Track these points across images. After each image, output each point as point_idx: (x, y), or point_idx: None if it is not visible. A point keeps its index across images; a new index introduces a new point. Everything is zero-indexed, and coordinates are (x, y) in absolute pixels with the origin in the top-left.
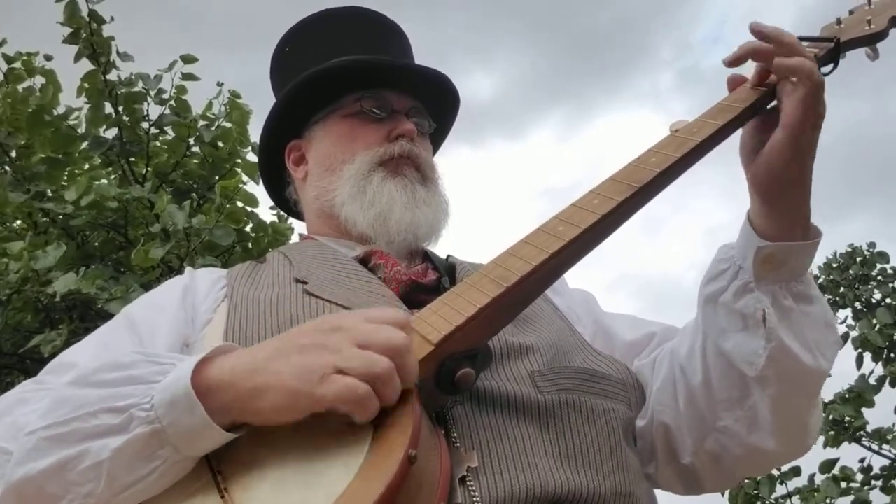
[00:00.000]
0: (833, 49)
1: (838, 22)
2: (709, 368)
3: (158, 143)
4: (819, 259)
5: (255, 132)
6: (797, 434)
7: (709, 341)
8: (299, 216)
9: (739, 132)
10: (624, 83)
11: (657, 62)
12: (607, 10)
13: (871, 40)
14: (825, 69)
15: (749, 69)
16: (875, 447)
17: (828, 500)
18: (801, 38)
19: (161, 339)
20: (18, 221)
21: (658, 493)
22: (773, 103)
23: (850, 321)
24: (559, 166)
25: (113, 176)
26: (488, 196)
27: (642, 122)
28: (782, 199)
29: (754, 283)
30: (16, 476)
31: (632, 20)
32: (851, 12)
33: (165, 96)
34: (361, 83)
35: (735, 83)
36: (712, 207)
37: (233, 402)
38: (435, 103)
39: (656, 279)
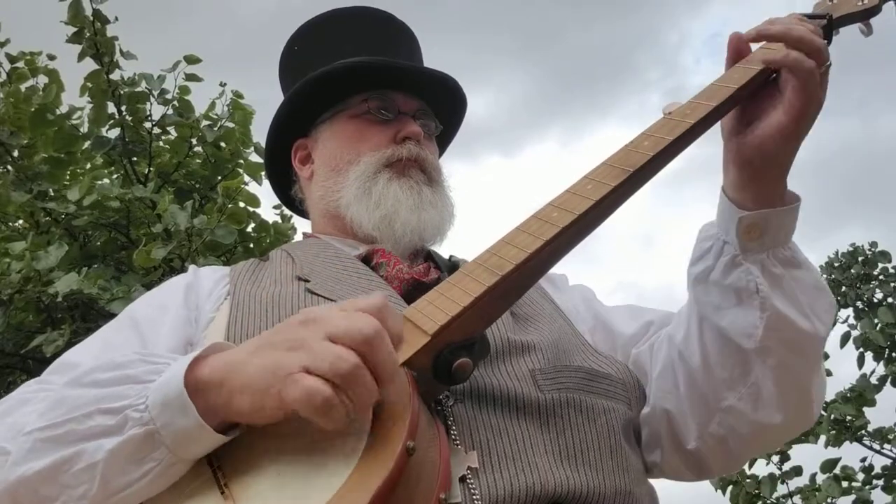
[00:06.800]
0: (826, 26)
1: None
2: (707, 349)
3: (161, 144)
4: (821, 258)
5: (257, 133)
6: (802, 404)
7: (704, 322)
8: (304, 214)
9: None
10: (613, 103)
11: (644, 83)
12: (596, 31)
13: (864, 16)
14: None
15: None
16: (876, 447)
17: (829, 500)
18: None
19: (164, 338)
20: (20, 221)
21: (659, 493)
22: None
23: (851, 320)
24: (555, 181)
25: (115, 176)
26: (486, 209)
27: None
28: (764, 173)
29: (741, 255)
30: (11, 477)
31: (620, 42)
32: None
33: (168, 96)
34: (368, 84)
35: (734, 48)
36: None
37: (221, 402)
38: (442, 105)
39: (651, 288)
